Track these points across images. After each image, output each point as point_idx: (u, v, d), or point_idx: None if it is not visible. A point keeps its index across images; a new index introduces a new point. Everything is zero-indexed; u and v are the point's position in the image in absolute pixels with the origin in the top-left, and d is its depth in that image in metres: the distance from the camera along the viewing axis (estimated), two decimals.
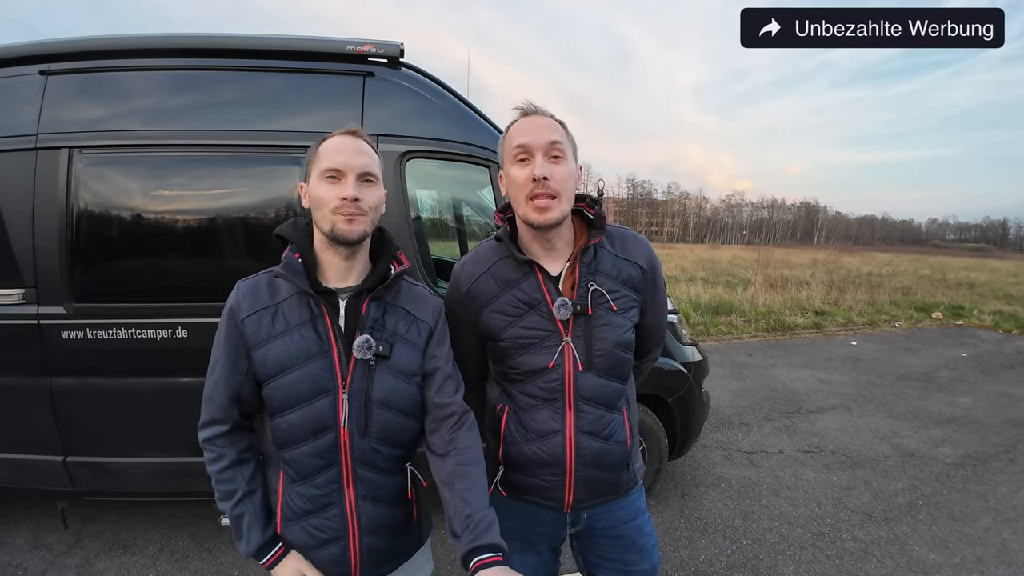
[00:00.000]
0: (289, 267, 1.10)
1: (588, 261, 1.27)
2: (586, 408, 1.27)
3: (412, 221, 2.43)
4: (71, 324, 2.25)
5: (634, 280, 1.30)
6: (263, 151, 2.29)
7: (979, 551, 2.89)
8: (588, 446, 1.29)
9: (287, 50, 2.35)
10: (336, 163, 1.09)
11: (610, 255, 1.30)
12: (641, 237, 1.36)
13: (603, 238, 1.29)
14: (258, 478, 1.19)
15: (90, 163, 2.21)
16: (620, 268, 1.29)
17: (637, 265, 1.31)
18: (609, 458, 1.31)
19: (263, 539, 1.15)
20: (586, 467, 1.30)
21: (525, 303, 1.26)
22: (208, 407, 1.15)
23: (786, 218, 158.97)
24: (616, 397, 1.31)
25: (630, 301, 1.30)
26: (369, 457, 1.15)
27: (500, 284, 1.28)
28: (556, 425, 1.28)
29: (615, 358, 1.28)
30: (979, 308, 11.80)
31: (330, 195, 1.08)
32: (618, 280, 1.29)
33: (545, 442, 1.29)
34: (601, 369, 1.27)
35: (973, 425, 4.81)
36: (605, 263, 1.28)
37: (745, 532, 3.00)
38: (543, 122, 1.20)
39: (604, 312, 1.26)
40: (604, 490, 1.36)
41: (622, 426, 1.33)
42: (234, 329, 1.12)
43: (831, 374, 6.31)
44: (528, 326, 1.25)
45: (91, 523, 2.89)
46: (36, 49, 2.29)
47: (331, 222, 1.08)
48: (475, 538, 1.06)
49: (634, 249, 1.32)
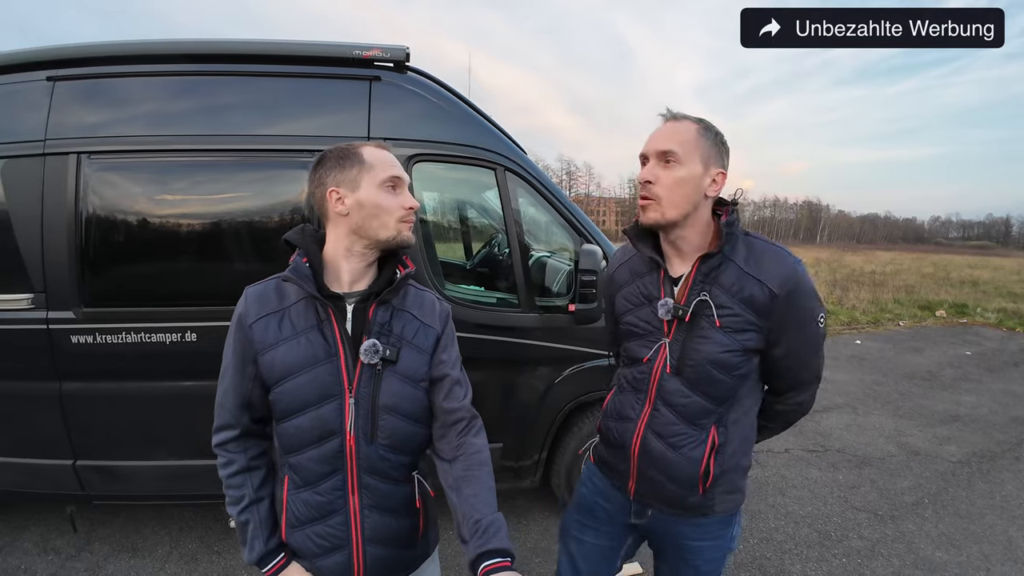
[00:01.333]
0: (297, 271, 1.10)
1: (708, 270, 1.23)
2: (663, 410, 1.30)
3: (419, 224, 2.44)
4: (80, 328, 2.25)
5: (757, 302, 1.20)
6: (270, 156, 2.30)
7: (985, 548, 2.89)
8: (653, 445, 1.32)
9: (294, 55, 2.36)
10: (395, 173, 1.14)
11: (736, 269, 1.22)
12: (790, 258, 1.23)
13: (736, 251, 1.23)
14: (267, 486, 1.20)
15: (98, 168, 2.22)
16: (743, 285, 1.20)
17: (766, 287, 1.19)
18: (673, 468, 1.30)
19: (266, 548, 1.16)
20: (648, 465, 1.34)
21: (644, 296, 1.33)
22: (220, 413, 1.17)
23: (788, 217, 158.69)
24: (700, 414, 1.27)
25: (744, 323, 1.21)
26: (376, 464, 1.14)
27: (632, 274, 1.38)
28: (632, 414, 1.36)
29: (706, 374, 1.24)
30: (983, 306, 11.78)
31: (395, 204, 1.13)
32: (736, 297, 1.21)
33: (621, 425, 1.39)
34: (689, 379, 1.26)
35: (978, 423, 4.80)
36: (727, 276, 1.22)
37: (752, 531, 3.00)
38: (666, 129, 1.23)
39: (707, 325, 1.23)
40: (668, 499, 1.35)
41: (699, 444, 1.28)
42: (242, 335, 1.13)
43: (836, 373, 6.30)
44: (640, 317, 1.33)
45: (100, 526, 2.90)
46: (43, 55, 2.30)
47: (396, 229, 1.13)
48: (483, 543, 1.05)
49: (770, 268, 1.20)
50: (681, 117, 1.24)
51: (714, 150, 1.22)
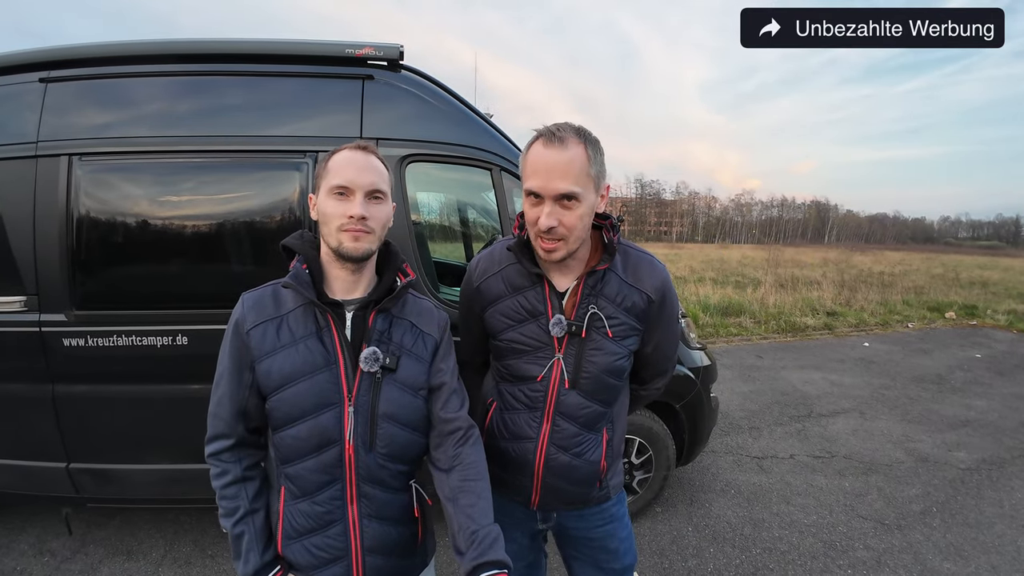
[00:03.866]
0: (296, 277, 1.10)
1: (593, 283, 1.25)
2: (563, 424, 1.31)
3: (412, 225, 2.40)
4: (72, 331, 2.24)
5: (638, 309, 1.27)
6: (261, 157, 2.27)
7: (994, 559, 2.83)
8: (557, 459, 1.32)
9: (285, 54, 2.33)
10: (344, 179, 1.08)
11: (618, 280, 1.26)
12: (659, 265, 1.31)
13: (615, 261, 1.27)
14: (262, 498, 1.17)
15: (90, 170, 2.20)
16: (625, 295, 1.26)
17: (644, 294, 1.27)
18: (576, 474, 1.34)
19: (261, 562, 1.13)
20: (553, 477, 1.34)
21: (528, 311, 1.28)
22: (213, 422, 1.15)
23: (796, 217, 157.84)
24: (596, 419, 1.33)
25: (629, 329, 1.28)
26: (375, 473, 1.13)
27: (509, 287, 1.31)
28: (531, 432, 1.33)
29: (601, 383, 1.28)
30: (993, 308, 11.61)
31: (337, 211, 1.08)
32: (620, 307, 1.26)
33: (518, 445, 1.35)
34: (585, 390, 1.28)
35: (988, 428, 4.72)
36: (610, 288, 1.26)
37: (755, 541, 2.94)
38: (558, 163, 1.09)
39: (599, 336, 1.25)
40: (571, 500, 1.40)
41: (597, 446, 1.34)
42: (239, 341, 1.11)
43: (843, 376, 6.22)
44: (526, 334, 1.28)
45: (95, 529, 2.89)
46: (36, 56, 2.28)
47: (337, 239, 1.09)
48: (480, 554, 1.05)
49: (646, 277, 1.28)
50: (566, 139, 1.10)
51: (602, 167, 1.16)
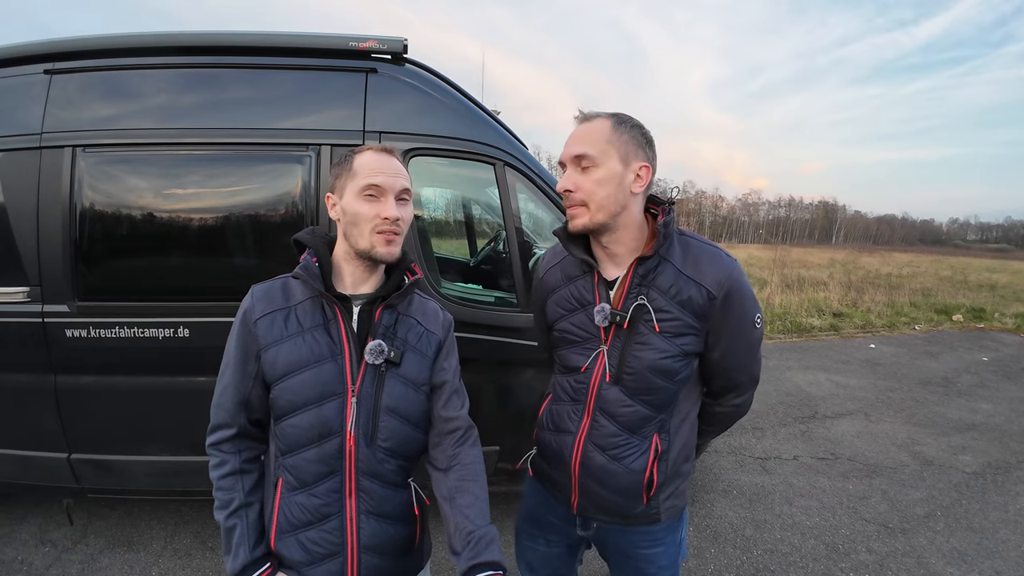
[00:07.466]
0: (306, 269, 1.11)
1: (644, 272, 1.18)
2: (602, 421, 1.25)
3: (413, 221, 2.39)
4: (75, 322, 2.24)
5: (695, 304, 1.16)
6: (265, 149, 2.26)
7: (998, 564, 2.80)
8: (593, 458, 1.27)
9: (289, 47, 2.31)
10: (378, 181, 1.09)
11: (674, 271, 1.17)
12: (726, 258, 1.19)
13: (673, 252, 1.19)
14: (257, 493, 1.17)
15: (93, 162, 2.20)
16: (680, 288, 1.16)
17: (704, 289, 1.15)
18: (614, 480, 1.26)
19: (251, 557, 1.12)
20: (589, 478, 1.28)
21: (578, 300, 1.27)
22: (216, 412, 1.16)
23: (804, 217, 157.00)
24: (641, 422, 1.23)
25: (684, 326, 1.17)
26: (375, 467, 1.13)
27: (564, 277, 1.31)
28: (571, 426, 1.30)
29: (646, 381, 1.19)
30: (1001, 311, 11.49)
31: (370, 212, 1.09)
32: (674, 300, 1.17)
33: (559, 437, 1.32)
34: (628, 387, 1.21)
35: (994, 432, 4.67)
36: (663, 279, 1.17)
37: (756, 542, 2.92)
38: (578, 131, 1.17)
39: (646, 330, 1.18)
40: (610, 510, 1.31)
41: (641, 454, 1.24)
42: (246, 331, 1.12)
43: (848, 378, 6.17)
44: (575, 323, 1.27)
45: (96, 519, 2.91)
46: (40, 48, 2.28)
47: (370, 241, 1.10)
48: (475, 555, 1.05)
49: (708, 270, 1.16)
50: (593, 116, 1.17)
51: (632, 143, 1.15)
